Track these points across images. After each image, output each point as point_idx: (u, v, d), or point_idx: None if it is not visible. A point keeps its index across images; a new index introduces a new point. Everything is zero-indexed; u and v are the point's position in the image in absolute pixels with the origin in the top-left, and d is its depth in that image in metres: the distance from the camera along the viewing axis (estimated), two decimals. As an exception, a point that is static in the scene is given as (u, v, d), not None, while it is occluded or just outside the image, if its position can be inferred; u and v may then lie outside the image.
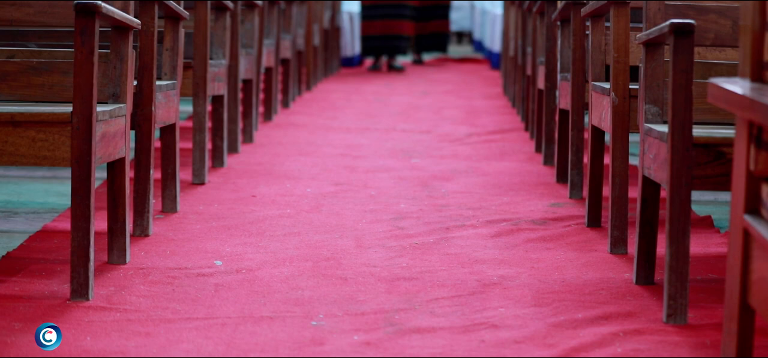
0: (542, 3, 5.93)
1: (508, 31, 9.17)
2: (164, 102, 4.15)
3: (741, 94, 2.20)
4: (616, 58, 3.89)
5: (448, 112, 8.01)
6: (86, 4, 3.12)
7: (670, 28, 3.09)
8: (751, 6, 2.46)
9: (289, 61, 8.13)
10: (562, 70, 5.15)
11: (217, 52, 5.35)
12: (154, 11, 3.96)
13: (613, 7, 3.94)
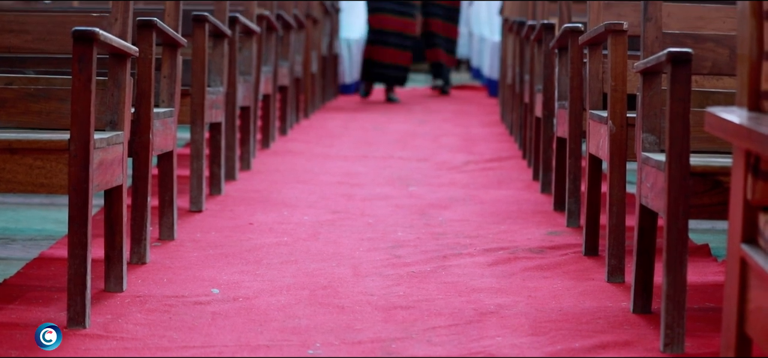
0: (540, 31, 5.94)
1: (506, 58, 9.18)
2: (162, 129, 4.15)
3: (738, 123, 2.21)
4: (614, 86, 3.89)
5: (446, 140, 8.02)
6: (84, 31, 3.12)
7: (667, 57, 3.09)
8: (749, 35, 2.47)
9: (287, 88, 8.13)
10: (560, 98, 5.16)
11: (215, 80, 5.35)
12: (151, 38, 3.97)
13: (611, 36, 3.95)
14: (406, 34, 11.35)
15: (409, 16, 11.39)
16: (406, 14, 11.35)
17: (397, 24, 11.26)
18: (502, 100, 9.54)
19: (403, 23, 11.30)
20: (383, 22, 11.25)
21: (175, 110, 4.36)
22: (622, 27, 3.93)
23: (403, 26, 11.31)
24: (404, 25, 11.32)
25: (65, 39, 3.93)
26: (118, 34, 3.72)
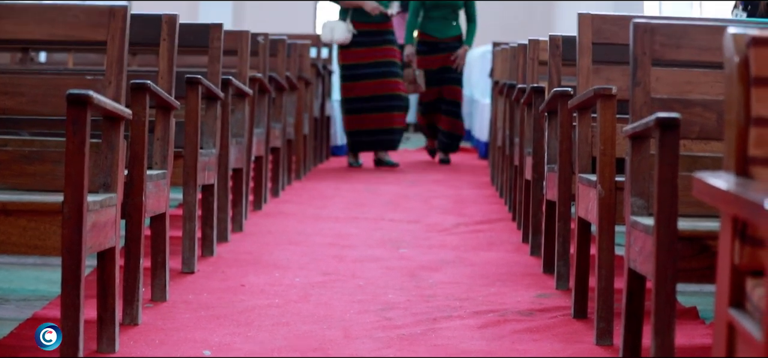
0: (530, 94, 5.98)
1: (497, 121, 9.22)
2: (155, 191, 4.18)
3: (725, 189, 2.24)
4: (603, 150, 3.93)
5: (437, 202, 8.05)
6: (78, 95, 3.16)
7: (655, 123, 3.13)
8: (736, 101, 2.51)
9: (279, 149, 8.17)
10: (549, 161, 5.20)
11: (208, 142, 5.39)
12: (145, 101, 4.00)
13: (600, 100, 3.99)
14: (386, 94, 10.52)
15: (386, 76, 10.54)
16: (384, 75, 10.55)
17: (369, 88, 10.50)
18: (493, 163, 9.58)
19: (378, 85, 10.52)
20: (355, 90, 10.53)
21: (167, 172, 4.38)
22: (611, 91, 3.97)
23: (380, 87, 10.51)
24: (380, 86, 10.52)
25: (59, 101, 3.96)
26: (112, 96, 3.75)
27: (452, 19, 11.20)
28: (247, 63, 6.41)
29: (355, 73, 10.53)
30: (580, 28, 4.60)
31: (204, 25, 5.67)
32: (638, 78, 3.79)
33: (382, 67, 10.55)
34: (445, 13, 11.13)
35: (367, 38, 10.52)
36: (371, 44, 10.54)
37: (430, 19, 11.12)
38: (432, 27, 11.14)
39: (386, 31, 10.63)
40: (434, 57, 11.16)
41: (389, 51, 10.62)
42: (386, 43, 10.61)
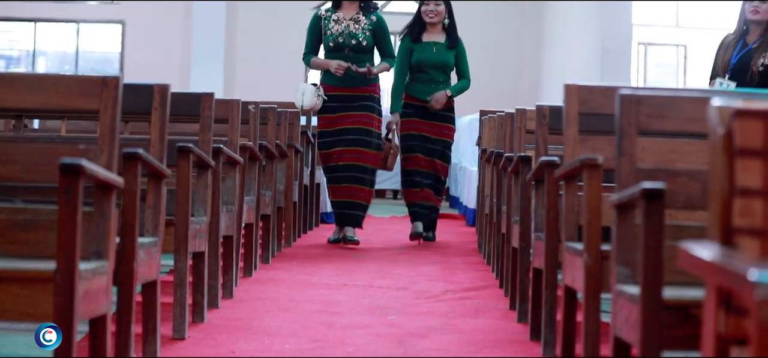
0: (517, 163, 6.03)
1: (484, 188, 9.28)
2: (146, 259, 4.21)
3: (710, 260, 2.28)
4: (589, 219, 3.97)
5: (424, 269, 8.08)
6: (71, 164, 3.20)
7: (641, 193, 3.18)
8: (720, 172, 2.56)
9: (269, 216, 8.20)
10: (536, 229, 5.24)
11: (199, 210, 5.43)
12: (137, 170, 4.04)
13: (586, 170, 4.04)
14: (349, 165, 9.45)
15: (352, 144, 9.45)
16: (349, 143, 9.46)
17: (334, 157, 9.51)
18: (480, 230, 9.62)
19: (341, 153, 9.46)
20: (326, 158, 9.58)
21: (159, 240, 4.42)
22: (597, 161, 4.03)
23: (343, 156, 9.45)
24: (343, 156, 9.45)
25: (52, 169, 3.98)
26: (104, 165, 3.80)
27: (442, 81, 9.94)
28: (238, 131, 6.46)
29: (325, 141, 9.56)
30: (567, 99, 4.67)
31: (195, 94, 5.73)
32: (624, 148, 3.84)
33: (349, 134, 9.42)
34: (434, 74, 9.91)
35: (339, 104, 9.46)
36: (342, 110, 9.46)
37: (417, 80, 9.92)
38: (418, 89, 9.90)
39: (362, 97, 9.50)
40: (420, 122, 9.93)
41: (363, 118, 9.49)
42: (362, 110, 9.49)
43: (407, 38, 9.96)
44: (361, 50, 9.47)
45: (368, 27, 9.50)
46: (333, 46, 9.48)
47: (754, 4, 8.16)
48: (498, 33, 21.33)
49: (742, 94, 4.97)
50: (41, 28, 21.71)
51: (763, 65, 8.02)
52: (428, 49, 9.90)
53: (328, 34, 9.48)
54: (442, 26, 9.93)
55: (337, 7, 9.56)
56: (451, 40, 9.93)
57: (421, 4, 9.92)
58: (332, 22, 9.49)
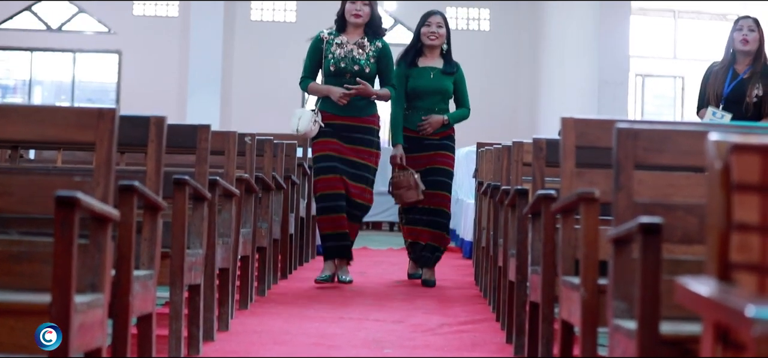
0: (514, 196, 6.02)
1: (481, 221, 9.26)
2: (141, 292, 4.20)
3: (707, 296, 2.28)
4: (586, 253, 3.96)
5: (421, 302, 8.06)
6: (66, 197, 3.19)
7: (638, 228, 3.17)
8: (718, 206, 2.55)
9: (266, 249, 8.19)
10: (533, 262, 5.23)
11: (195, 242, 5.42)
12: (133, 202, 4.03)
13: (583, 204, 4.03)
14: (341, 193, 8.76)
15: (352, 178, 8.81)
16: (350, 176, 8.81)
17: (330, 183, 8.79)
18: (477, 263, 9.60)
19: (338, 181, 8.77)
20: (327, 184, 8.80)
21: (154, 273, 4.41)
22: (594, 195, 4.02)
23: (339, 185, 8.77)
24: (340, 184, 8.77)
25: (48, 202, 3.97)
26: (100, 197, 3.79)
27: (441, 110, 9.22)
28: (234, 163, 6.46)
29: (321, 166, 8.80)
30: (564, 132, 4.66)
31: (192, 126, 5.73)
32: (621, 182, 3.84)
33: (346, 165, 8.79)
34: (432, 103, 9.20)
35: (337, 132, 8.79)
36: (340, 139, 8.80)
37: (415, 110, 9.21)
38: (415, 119, 9.16)
39: (362, 128, 8.88)
40: (418, 156, 9.18)
41: (362, 153, 8.86)
42: (361, 144, 8.86)
43: (402, 64, 9.23)
44: (363, 77, 8.78)
45: (373, 53, 8.87)
46: (333, 70, 8.81)
47: (743, 33, 8.18)
48: (495, 64, 21.36)
49: (739, 128, 4.97)
50: (38, 58, 21.74)
51: (757, 96, 8.04)
52: (425, 74, 9.19)
53: (330, 58, 8.82)
54: (440, 51, 9.27)
55: (342, 31, 8.95)
56: (449, 65, 9.24)
57: (422, 25, 9.27)
58: (335, 46, 8.87)
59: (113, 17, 21.27)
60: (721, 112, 7.96)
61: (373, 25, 8.89)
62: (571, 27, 18.91)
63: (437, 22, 9.22)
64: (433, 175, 9.16)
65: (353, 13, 8.82)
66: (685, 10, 20.64)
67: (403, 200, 9.06)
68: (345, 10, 8.88)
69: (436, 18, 9.25)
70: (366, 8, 8.82)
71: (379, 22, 8.96)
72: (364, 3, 8.80)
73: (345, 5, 8.87)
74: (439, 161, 9.21)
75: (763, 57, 8.18)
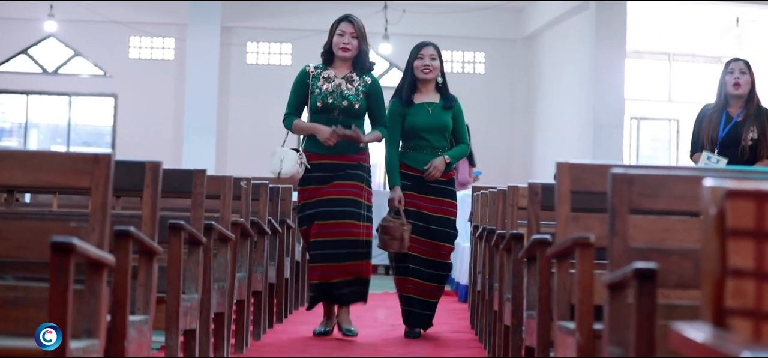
0: (509, 240, 6.03)
1: (476, 265, 9.25)
2: (137, 337, 4.19)
3: (702, 342, 2.27)
4: (581, 298, 3.96)
5: (417, 347, 8.04)
6: (62, 243, 3.19)
7: (633, 274, 3.18)
8: (713, 252, 2.55)
9: (261, 293, 8.17)
10: (529, 307, 5.22)
11: (190, 286, 5.42)
12: (128, 247, 4.04)
13: (578, 249, 4.04)
14: (341, 240, 8.08)
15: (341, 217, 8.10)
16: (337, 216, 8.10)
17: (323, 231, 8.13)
18: (472, 306, 9.59)
19: (330, 227, 8.11)
20: (316, 232, 8.15)
21: (150, 317, 4.40)
22: (589, 240, 4.03)
23: (332, 231, 8.10)
24: (332, 230, 8.11)
25: (44, 247, 3.97)
26: (95, 243, 3.79)
27: (441, 147, 8.59)
28: (230, 208, 6.47)
29: (307, 214, 8.22)
30: (559, 177, 4.67)
31: (187, 171, 5.74)
32: (616, 228, 3.85)
33: (336, 206, 8.12)
34: (432, 139, 8.56)
35: (323, 173, 8.18)
36: (327, 180, 8.17)
37: (413, 148, 8.60)
38: (414, 158, 8.55)
39: (350, 165, 8.25)
40: (420, 197, 8.55)
41: (351, 188, 8.19)
42: (350, 178, 8.20)
43: (396, 101, 8.61)
44: (352, 114, 8.22)
45: (362, 88, 8.27)
46: (320, 106, 8.23)
47: (735, 76, 8.21)
48: (490, 107, 21.41)
49: (735, 172, 4.97)
50: (34, 101, 21.76)
51: (753, 139, 8.05)
52: (423, 111, 8.57)
53: (316, 93, 8.25)
54: (434, 85, 8.65)
55: (329, 65, 8.38)
56: (446, 99, 8.62)
57: (414, 58, 8.62)
58: (322, 80, 8.28)
59: (109, 61, 21.32)
60: (717, 156, 7.97)
61: (361, 60, 8.33)
62: (566, 70, 18.97)
63: (430, 54, 8.61)
64: (436, 225, 8.52)
65: (341, 47, 8.27)
66: (680, 53, 20.71)
67: (386, 247, 8.44)
68: (332, 43, 8.34)
69: (429, 50, 8.63)
70: (355, 41, 8.29)
71: (367, 57, 8.39)
72: (352, 36, 8.29)
73: (332, 38, 8.34)
74: (443, 210, 8.57)
75: (755, 99, 8.20)
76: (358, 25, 8.31)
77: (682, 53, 20.75)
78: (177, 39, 20.95)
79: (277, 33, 21.30)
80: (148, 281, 4.41)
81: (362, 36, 8.30)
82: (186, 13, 20.02)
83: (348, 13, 8.38)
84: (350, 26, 8.28)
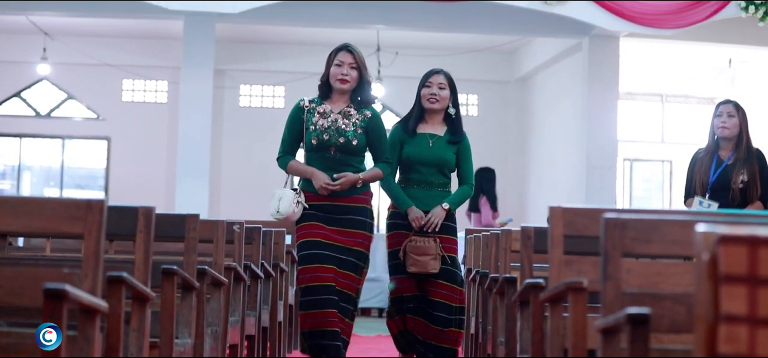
0: (502, 284, 6.02)
1: (469, 308, 9.24)
2: (129, 383, 4.19)
3: (693, 388, 2.27)
4: (574, 343, 3.96)
5: (411, 389, 8.02)
6: (54, 289, 3.19)
7: (626, 319, 3.18)
8: (705, 297, 2.56)
9: (254, 337, 8.15)
10: (522, 351, 5.22)
11: (183, 332, 5.40)
12: (121, 293, 4.03)
13: (571, 293, 4.04)
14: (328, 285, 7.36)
15: (341, 266, 7.45)
16: (338, 263, 7.44)
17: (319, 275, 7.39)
18: (466, 350, 9.57)
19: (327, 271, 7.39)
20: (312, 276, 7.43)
21: (142, 363, 4.40)
22: (582, 285, 4.03)
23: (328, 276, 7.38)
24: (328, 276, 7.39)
25: (37, 293, 3.96)
26: (88, 289, 3.79)
27: (439, 184, 7.90)
28: (223, 252, 6.46)
29: (307, 254, 7.47)
30: (552, 221, 4.67)
31: (180, 215, 5.74)
32: (609, 273, 3.85)
33: (335, 252, 7.44)
34: (427, 174, 7.87)
35: (324, 214, 7.53)
36: (327, 222, 7.52)
37: (410, 183, 7.93)
38: (410, 194, 7.89)
39: (353, 209, 7.58)
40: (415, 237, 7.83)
41: (354, 237, 7.54)
42: (352, 226, 7.54)
43: (398, 127, 8.01)
44: (350, 151, 7.56)
45: (361, 123, 7.58)
46: (316, 144, 7.58)
47: (723, 119, 8.24)
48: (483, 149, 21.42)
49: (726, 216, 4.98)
50: (27, 144, 21.76)
51: (743, 182, 8.06)
52: (422, 142, 7.88)
53: (311, 130, 7.60)
54: (443, 116, 7.94)
55: (325, 98, 7.72)
56: (453, 133, 7.89)
57: (422, 86, 7.98)
58: (317, 115, 7.63)
59: (102, 103, 21.33)
60: (708, 201, 7.98)
61: (362, 93, 7.65)
62: (559, 111, 19.02)
63: (439, 82, 7.92)
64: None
65: (339, 78, 7.58)
66: (673, 95, 20.77)
67: (427, 268, 7.64)
68: (330, 74, 7.65)
69: (438, 78, 7.95)
70: (354, 72, 7.58)
71: (368, 89, 7.69)
72: (352, 66, 7.58)
73: (330, 69, 7.65)
74: (443, 247, 7.80)
75: (745, 141, 8.21)
76: (358, 55, 7.61)
77: (675, 94, 20.80)
78: (170, 82, 20.98)
79: (269, 75, 21.33)
80: (141, 326, 4.40)
81: (363, 66, 7.61)
82: (179, 56, 20.08)
83: (347, 43, 7.71)
84: (349, 56, 7.59)
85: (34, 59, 20.42)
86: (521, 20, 16.29)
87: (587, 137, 16.62)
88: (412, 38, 19.61)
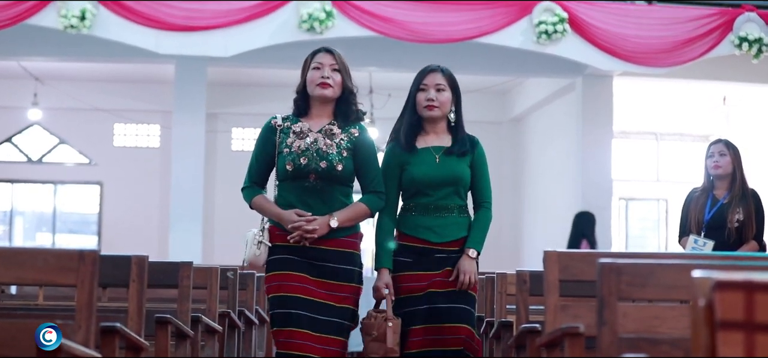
0: (499, 329, 5.99)
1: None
2: None
3: None
4: (572, 389, 3.94)
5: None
6: (48, 343, 3.17)
7: (623, 366, 3.16)
8: (702, 343, 2.55)
9: (248, 383, 8.12)
10: (519, 396, 5.20)
11: (177, 380, 5.38)
12: (115, 344, 4.01)
13: (567, 339, 4.02)
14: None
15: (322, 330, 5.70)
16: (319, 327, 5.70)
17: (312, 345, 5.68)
18: (463, 391, 9.53)
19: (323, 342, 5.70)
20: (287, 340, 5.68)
21: (136, 414, 4.36)
22: (578, 330, 4.01)
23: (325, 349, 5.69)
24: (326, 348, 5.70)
25: (29, 344, 3.95)
26: (81, 340, 3.76)
27: (454, 207, 6.01)
28: (217, 299, 6.43)
29: (279, 313, 5.72)
30: (547, 266, 4.66)
31: (173, 263, 5.71)
32: (605, 318, 3.82)
33: (314, 311, 5.72)
34: (441, 198, 6.00)
35: (300, 259, 5.80)
36: (306, 270, 5.80)
37: (413, 210, 6.06)
38: (420, 223, 6.01)
39: (338, 255, 5.86)
40: (422, 275, 5.96)
41: (339, 291, 5.83)
42: (336, 277, 5.84)
43: (393, 146, 6.22)
44: (334, 178, 5.89)
45: (346, 144, 5.95)
46: (291, 171, 5.90)
47: (715, 159, 8.26)
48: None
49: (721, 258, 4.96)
50: (18, 189, 21.73)
51: (739, 221, 8.06)
52: (427, 159, 6.08)
53: (285, 153, 5.94)
54: (446, 123, 6.20)
55: (302, 115, 6.07)
56: (458, 143, 6.11)
57: (416, 90, 6.22)
58: (292, 135, 5.99)
59: (94, 148, 21.32)
60: (703, 240, 7.97)
61: (345, 104, 6.03)
62: (553, 151, 19.03)
63: (436, 83, 6.17)
64: (449, 302, 5.84)
65: (319, 82, 5.95)
66: (668, 133, 20.79)
67: (366, 350, 5.91)
68: (306, 79, 6.02)
69: (435, 77, 6.19)
70: (337, 76, 5.97)
71: (353, 101, 6.06)
72: (333, 68, 5.97)
73: (306, 75, 6.03)
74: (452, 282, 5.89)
75: (739, 179, 8.22)
76: (340, 57, 6.04)
77: (670, 133, 20.82)
78: (162, 126, 20.98)
79: (262, 118, 21.06)
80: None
81: (346, 71, 6.01)
82: (171, 100, 20.09)
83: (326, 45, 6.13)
84: (330, 57, 6.00)
85: (25, 104, 20.43)
86: (514, 61, 16.31)
87: (582, 177, 16.62)
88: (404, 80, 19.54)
